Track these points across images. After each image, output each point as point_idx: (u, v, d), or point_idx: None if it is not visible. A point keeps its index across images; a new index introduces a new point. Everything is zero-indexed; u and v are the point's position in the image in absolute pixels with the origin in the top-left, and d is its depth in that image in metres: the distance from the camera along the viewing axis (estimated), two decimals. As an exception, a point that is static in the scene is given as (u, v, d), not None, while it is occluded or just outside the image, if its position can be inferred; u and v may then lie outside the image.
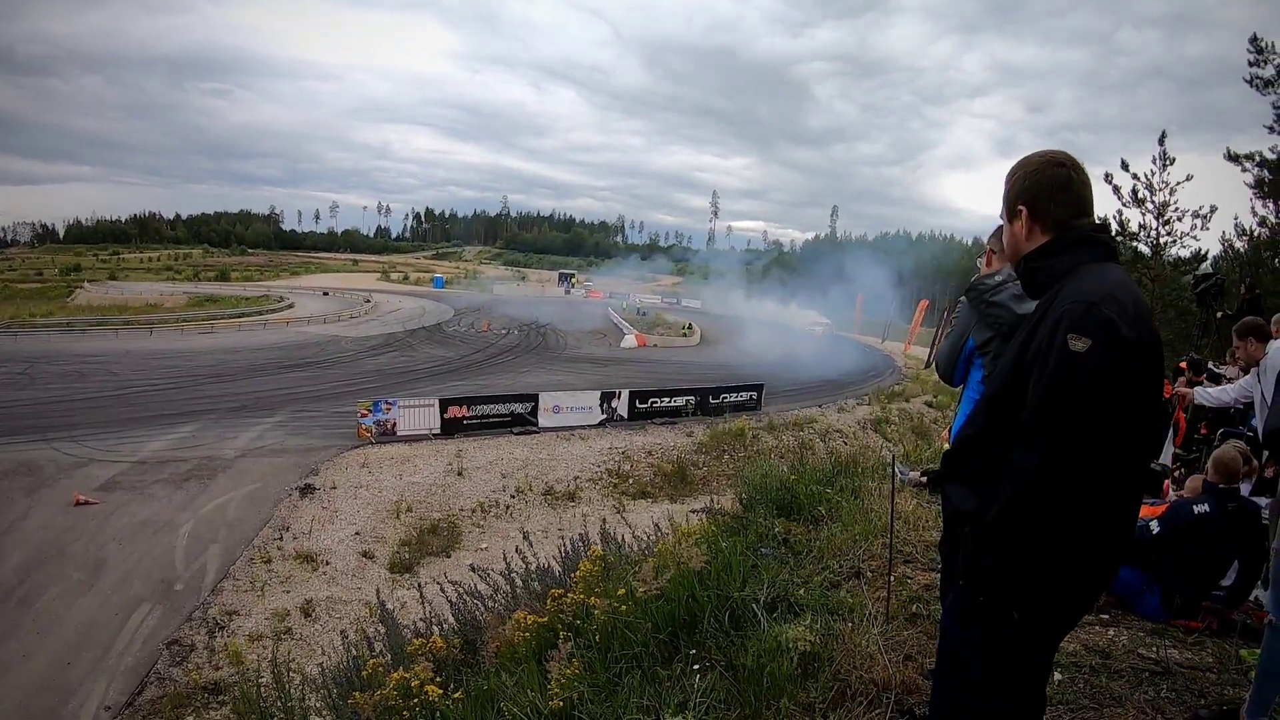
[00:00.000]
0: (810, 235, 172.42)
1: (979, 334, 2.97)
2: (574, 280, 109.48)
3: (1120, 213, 19.39)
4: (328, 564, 16.68)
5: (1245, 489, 5.24)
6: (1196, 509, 4.71)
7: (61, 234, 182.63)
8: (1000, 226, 2.55)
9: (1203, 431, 8.59)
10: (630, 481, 23.49)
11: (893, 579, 4.47)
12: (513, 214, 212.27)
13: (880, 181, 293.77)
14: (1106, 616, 4.47)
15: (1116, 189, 19.28)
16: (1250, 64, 18.06)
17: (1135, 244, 19.48)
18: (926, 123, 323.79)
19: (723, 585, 4.22)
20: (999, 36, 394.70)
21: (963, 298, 3.13)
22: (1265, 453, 5.55)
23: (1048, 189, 2.11)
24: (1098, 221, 2.19)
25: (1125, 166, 19.19)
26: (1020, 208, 2.15)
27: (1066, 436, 1.87)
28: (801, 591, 4.40)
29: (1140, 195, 19.20)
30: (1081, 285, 1.97)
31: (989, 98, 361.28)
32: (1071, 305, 1.93)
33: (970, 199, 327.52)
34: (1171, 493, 6.61)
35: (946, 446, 3.05)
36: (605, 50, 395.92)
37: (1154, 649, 4.01)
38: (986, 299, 2.89)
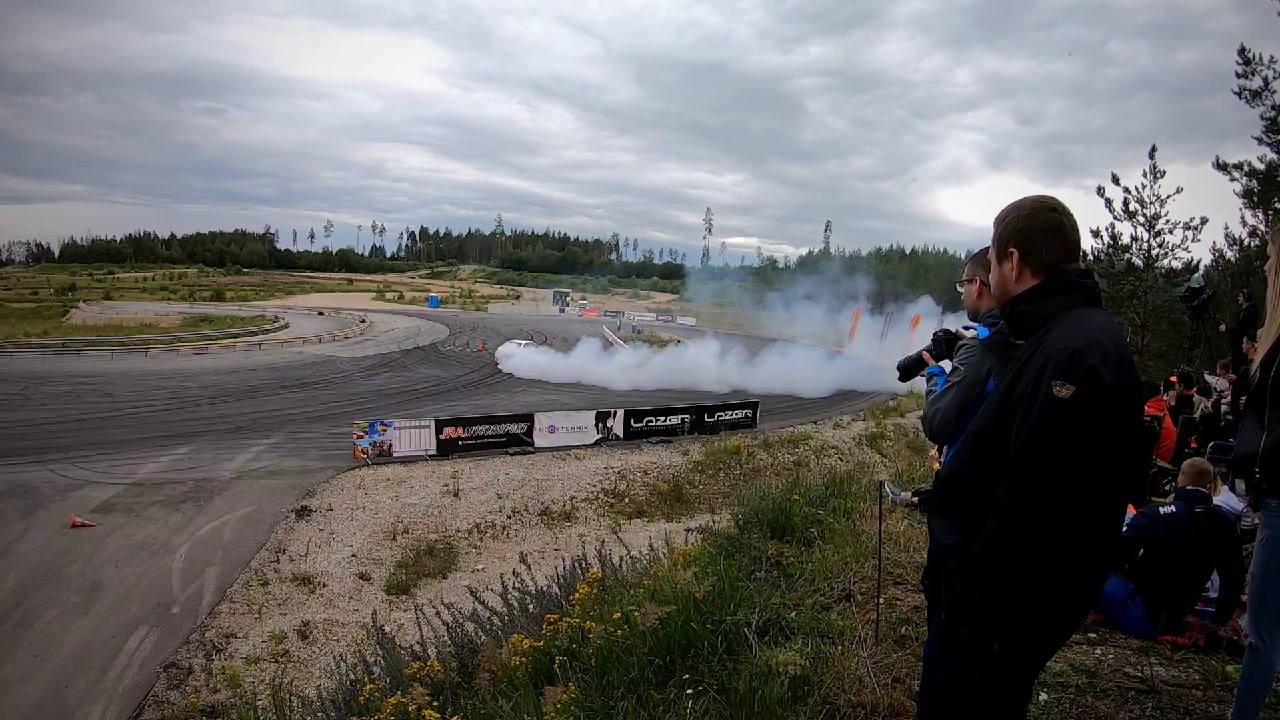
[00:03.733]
0: (804, 250, 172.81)
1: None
2: (569, 299, 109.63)
3: (1112, 226, 19.52)
4: (324, 586, 16.68)
5: (1232, 502, 5.27)
6: (1163, 510, 4.83)
7: (56, 253, 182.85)
8: (980, 253, 2.61)
9: (1193, 445, 8.68)
10: (626, 501, 23.52)
11: (882, 601, 4.53)
12: (507, 232, 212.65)
13: (873, 196, 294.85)
14: (1094, 635, 4.52)
15: (1108, 202, 19.41)
16: (1238, 75, 18.20)
17: (1127, 256, 19.58)
18: (918, 137, 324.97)
19: (717, 609, 4.29)
20: (989, 50, 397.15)
21: (969, 341, 2.91)
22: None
23: (1040, 233, 2.17)
24: (1083, 266, 2.25)
25: (1116, 180, 19.36)
26: (1012, 250, 2.20)
27: (1050, 478, 1.93)
28: (793, 614, 4.46)
29: (1132, 208, 19.32)
30: (1067, 331, 2.04)
31: (980, 111, 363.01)
32: (1057, 351, 1.99)
33: (962, 212, 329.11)
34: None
35: (936, 466, 3.09)
36: (596, 67, 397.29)
37: (1140, 667, 4.06)
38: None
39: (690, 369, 44.56)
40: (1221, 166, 18.82)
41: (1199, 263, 19.62)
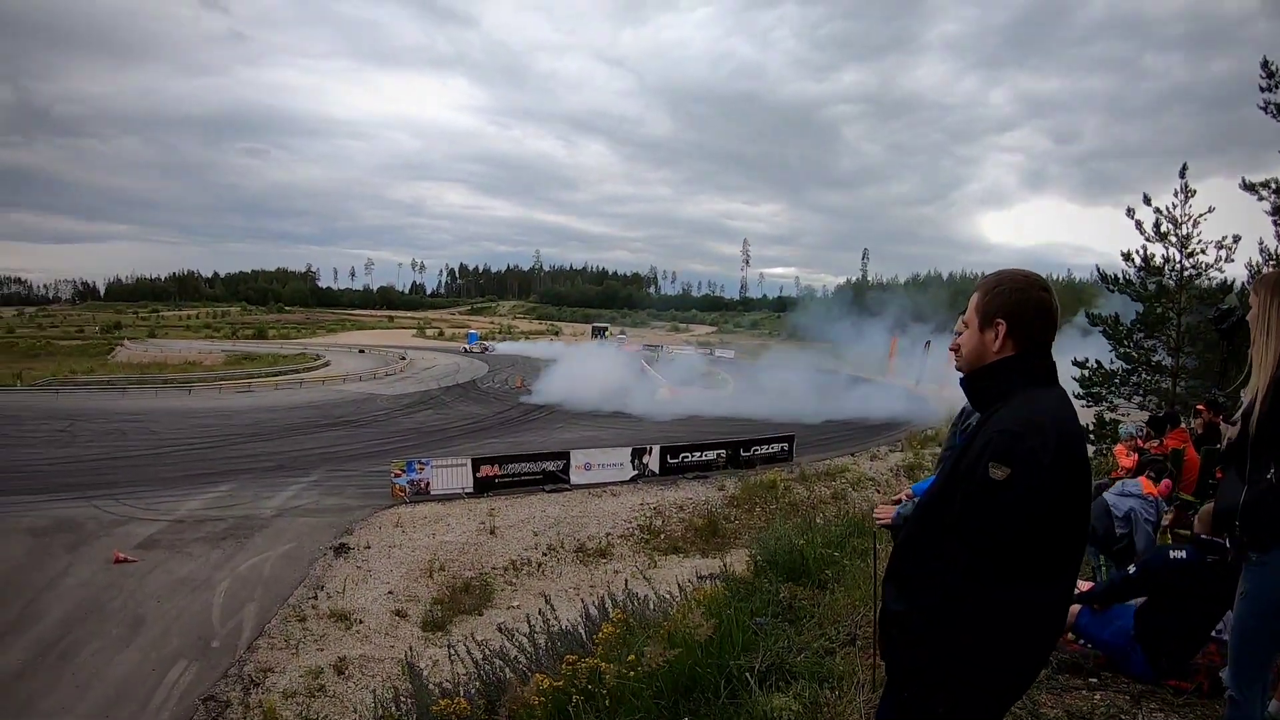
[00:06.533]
0: (842, 280, 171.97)
1: None
2: (608, 333, 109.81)
3: (1144, 248, 19.26)
4: (361, 622, 16.85)
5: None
6: (1173, 554, 4.72)
7: (102, 291, 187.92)
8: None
9: (1218, 476, 8.55)
10: (662, 537, 23.51)
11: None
12: (545, 267, 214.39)
13: (912, 221, 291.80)
14: (1095, 680, 4.54)
15: (1139, 224, 19.18)
16: (1262, 89, 17.93)
17: (1160, 279, 19.31)
18: (956, 160, 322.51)
19: (723, 654, 4.43)
20: (1023, 70, 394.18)
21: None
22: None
23: (1031, 311, 2.20)
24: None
25: (1148, 200, 19.10)
26: (999, 322, 2.22)
27: (985, 552, 2.02)
28: (799, 659, 4.58)
29: (1163, 229, 19.10)
30: (1013, 412, 2.10)
31: (1017, 131, 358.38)
32: (996, 435, 2.06)
33: (1002, 234, 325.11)
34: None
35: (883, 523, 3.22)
36: (631, 101, 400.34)
37: (1137, 715, 4.08)
38: None
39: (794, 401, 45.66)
40: (1249, 187, 18.55)
41: (1233, 282, 19.30)
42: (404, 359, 73.93)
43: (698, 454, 30.29)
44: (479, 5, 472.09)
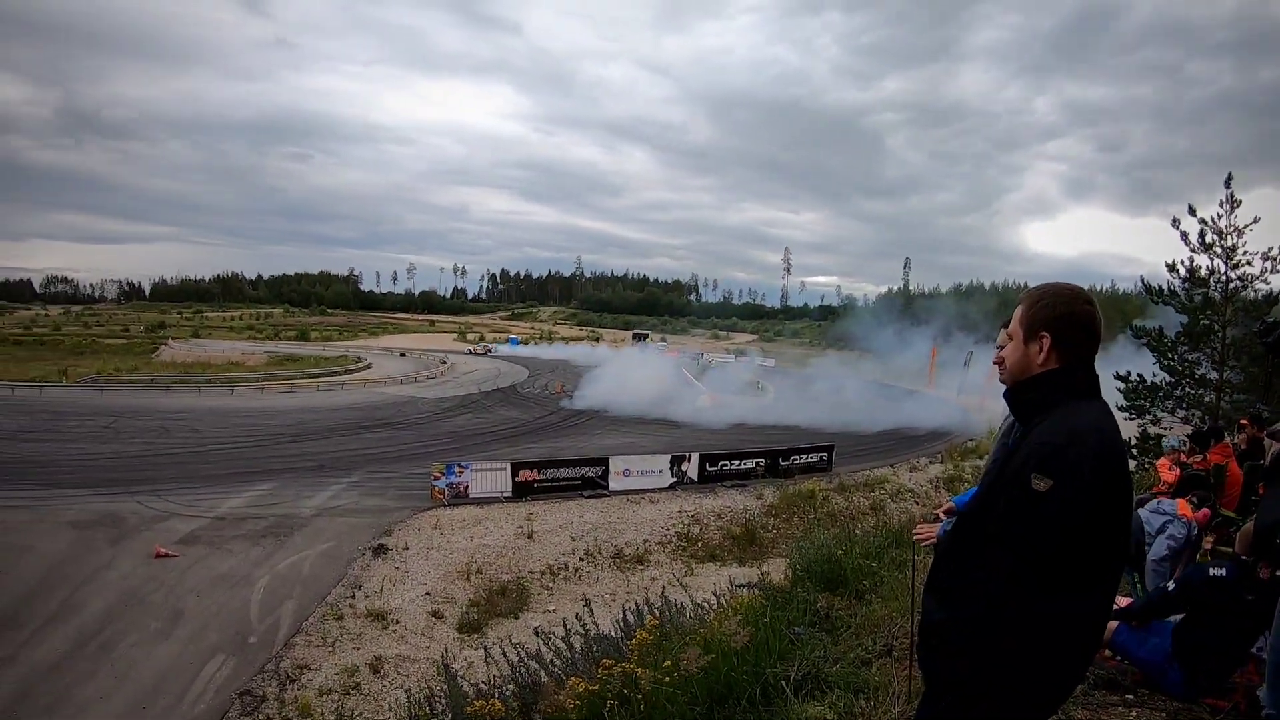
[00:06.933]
0: (884, 289, 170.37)
1: None
2: (649, 340, 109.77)
3: (1190, 259, 18.91)
4: (398, 622, 17.02)
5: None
6: (1213, 571, 4.62)
7: (147, 291, 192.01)
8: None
9: (1260, 492, 8.35)
10: (699, 545, 23.48)
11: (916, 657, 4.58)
12: (587, 274, 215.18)
13: (956, 230, 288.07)
14: (1131, 697, 4.48)
15: (1184, 235, 18.84)
16: None
17: (1204, 291, 18.94)
18: (1000, 168, 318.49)
19: (759, 661, 4.43)
20: (1068, 77, 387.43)
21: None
22: None
23: (1076, 324, 2.22)
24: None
25: (1193, 211, 18.75)
26: (1044, 335, 2.22)
27: (1028, 562, 2.03)
28: (835, 668, 4.56)
29: (1209, 240, 18.76)
30: (1055, 424, 2.11)
31: (1062, 140, 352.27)
32: (1039, 446, 2.07)
33: (1046, 244, 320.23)
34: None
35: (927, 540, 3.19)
36: (674, 108, 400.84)
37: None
38: None
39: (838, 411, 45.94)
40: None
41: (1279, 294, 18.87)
42: (445, 363, 74.70)
43: (737, 462, 30.20)
44: (522, 12, 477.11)
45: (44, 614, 15.83)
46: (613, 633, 6.70)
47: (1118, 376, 18.50)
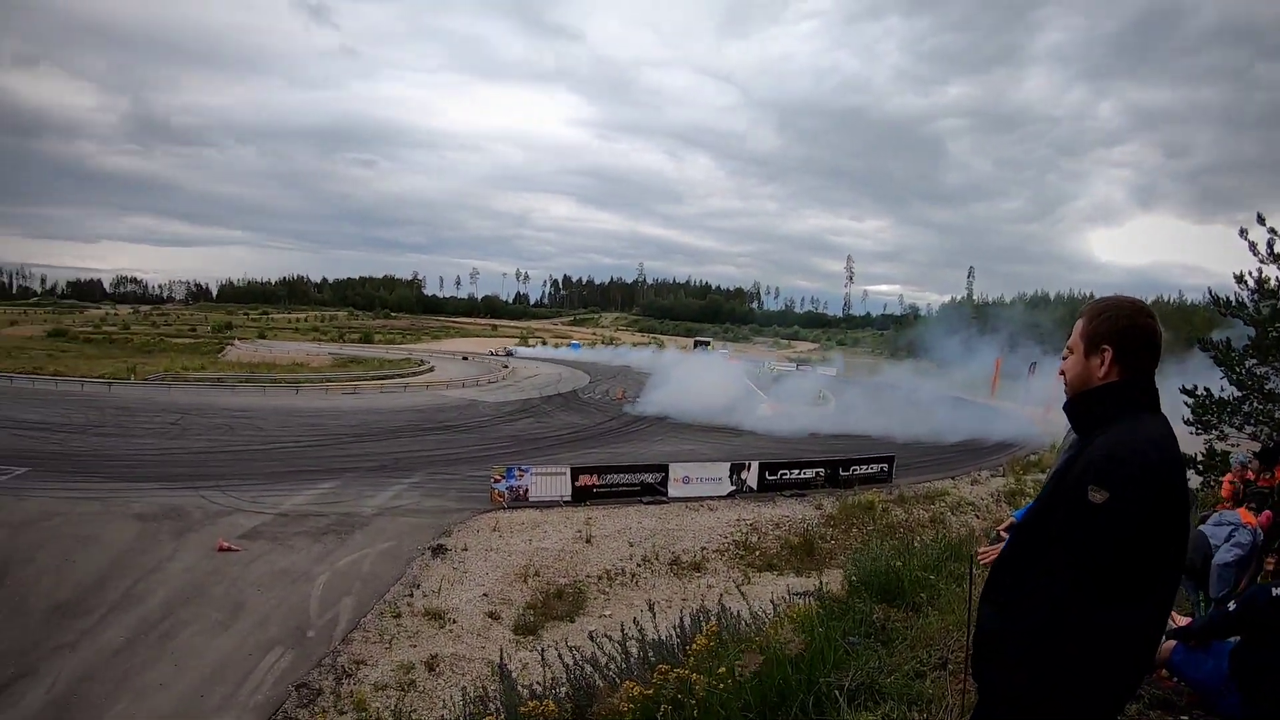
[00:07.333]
0: (947, 298, 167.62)
1: None
2: (710, 347, 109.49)
3: (1259, 269, 18.32)
4: (454, 622, 17.24)
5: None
6: (1275, 591, 4.53)
7: (214, 293, 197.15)
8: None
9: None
10: (757, 554, 23.38)
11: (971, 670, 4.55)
12: (649, 280, 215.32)
13: (1020, 238, 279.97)
14: (1186, 718, 4.40)
15: (1253, 245, 18.26)
16: None
17: (1274, 303, 18.33)
18: (1064, 175, 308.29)
19: (813, 670, 4.45)
20: (1132, 80, 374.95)
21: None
22: None
23: (1138, 338, 2.23)
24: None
25: (1262, 220, 18.19)
26: (1106, 348, 2.24)
27: (1086, 573, 2.04)
28: (889, 680, 4.56)
29: (1278, 250, 18.14)
30: (1115, 437, 2.12)
31: (1126, 145, 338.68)
32: (1098, 458, 2.09)
33: (1111, 252, 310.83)
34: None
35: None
36: (737, 115, 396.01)
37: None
38: None
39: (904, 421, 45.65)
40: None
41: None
42: (506, 367, 75.37)
43: (796, 471, 30.06)
44: (585, 20, 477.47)
45: (108, 602, 16.41)
46: (670, 639, 6.73)
47: (1184, 391, 18.02)
